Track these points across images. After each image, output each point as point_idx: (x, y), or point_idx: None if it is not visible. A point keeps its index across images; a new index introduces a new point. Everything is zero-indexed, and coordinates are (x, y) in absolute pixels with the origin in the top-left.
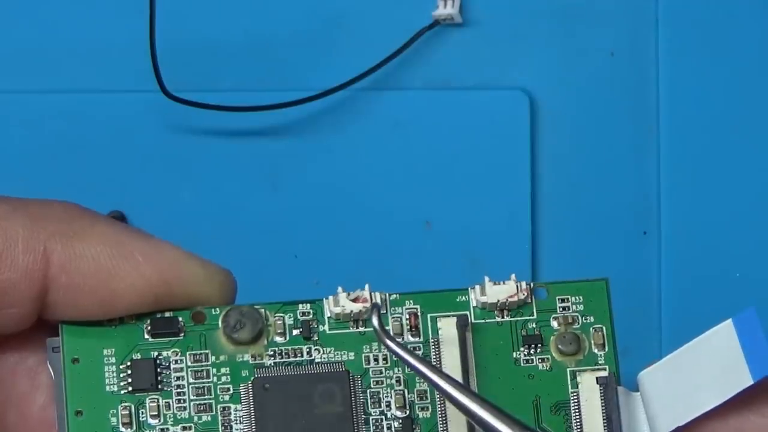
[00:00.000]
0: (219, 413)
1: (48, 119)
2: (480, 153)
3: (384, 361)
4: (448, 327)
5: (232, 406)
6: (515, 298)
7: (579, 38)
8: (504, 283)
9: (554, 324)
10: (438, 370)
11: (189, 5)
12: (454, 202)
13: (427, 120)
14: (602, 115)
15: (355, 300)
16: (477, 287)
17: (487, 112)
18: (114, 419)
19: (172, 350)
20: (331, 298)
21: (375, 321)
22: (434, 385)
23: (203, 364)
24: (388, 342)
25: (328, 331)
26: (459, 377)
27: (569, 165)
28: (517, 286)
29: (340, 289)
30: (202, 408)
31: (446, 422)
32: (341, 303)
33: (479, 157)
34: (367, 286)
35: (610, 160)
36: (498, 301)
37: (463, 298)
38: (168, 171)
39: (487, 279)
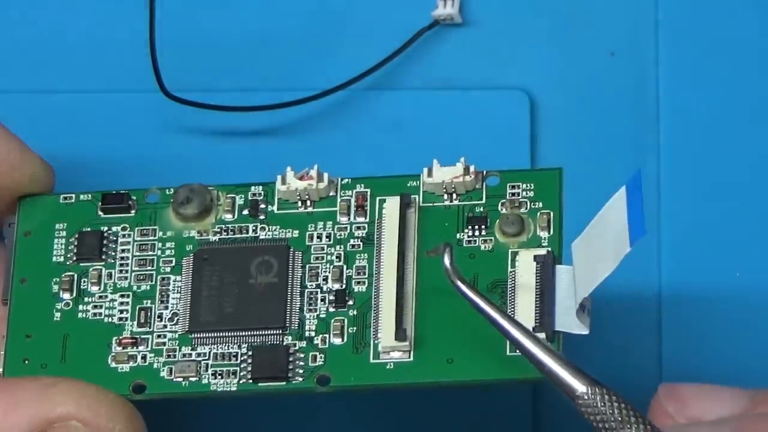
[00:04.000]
0: (158, 283)
1: (48, 119)
2: (480, 153)
3: (327, 239)
4: (392, 206)
5: (172, 277)
6: (460, 179)
7: (579, 38)
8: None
9: (502, 209)
10: (507, 316)
11: (189, 5)
12: None
13: (427, 120)
14: (602, 115)
15: (301, 178)
16: (425, 169)
17: (487, 112)
18: (55, 286)
19: (121, 225)
20: (279, 176)
21: (446, 260)
22: (502, 331)
23: (150, 238)
24: (458, 283)
25: (276, 211)
26: (395, 254)
27: (569, 165)
28: (464, 168)
29: (288, 168)
30: (142, 278)
31: (379, 297)
32: (288, 180)
33: (479, 157)
34: (315, 166)
35: (610, 160)
36: (443, 182)
37: (414, 183)
38: (168, 171)
39: (435, 162)
